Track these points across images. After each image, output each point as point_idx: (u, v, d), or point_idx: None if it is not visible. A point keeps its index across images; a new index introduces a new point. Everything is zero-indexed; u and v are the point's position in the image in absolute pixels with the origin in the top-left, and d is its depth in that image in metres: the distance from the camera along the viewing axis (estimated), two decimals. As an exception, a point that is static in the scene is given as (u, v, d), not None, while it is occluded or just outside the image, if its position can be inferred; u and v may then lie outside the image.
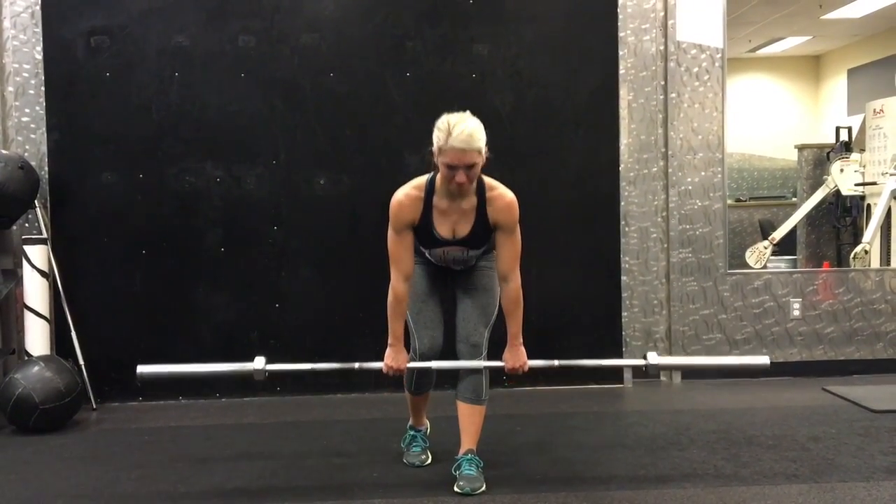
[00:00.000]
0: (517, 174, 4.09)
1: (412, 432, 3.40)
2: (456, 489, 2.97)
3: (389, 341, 3.02)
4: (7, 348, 4.48)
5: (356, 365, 3.12)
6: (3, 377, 4.16)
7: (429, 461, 3.32)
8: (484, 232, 2.98)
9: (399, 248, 2.96)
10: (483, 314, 3.09)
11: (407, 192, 2.96)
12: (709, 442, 3.57)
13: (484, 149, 2.81)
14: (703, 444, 3.53)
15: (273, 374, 3.11)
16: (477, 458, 3.06)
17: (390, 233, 2.97)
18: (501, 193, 2.95)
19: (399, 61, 4.57)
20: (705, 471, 3.18)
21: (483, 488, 2.98)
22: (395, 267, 2.97)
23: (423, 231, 2.99)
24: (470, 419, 3.08)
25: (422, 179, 2.98)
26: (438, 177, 2.91)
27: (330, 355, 4.55)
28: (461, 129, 2.75)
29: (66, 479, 3.26)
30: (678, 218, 4.77)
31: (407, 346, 3.10)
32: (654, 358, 3.10)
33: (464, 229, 2.97)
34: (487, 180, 2.96)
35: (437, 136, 2.80)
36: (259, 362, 3.05)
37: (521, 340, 3.04)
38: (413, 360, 3.10)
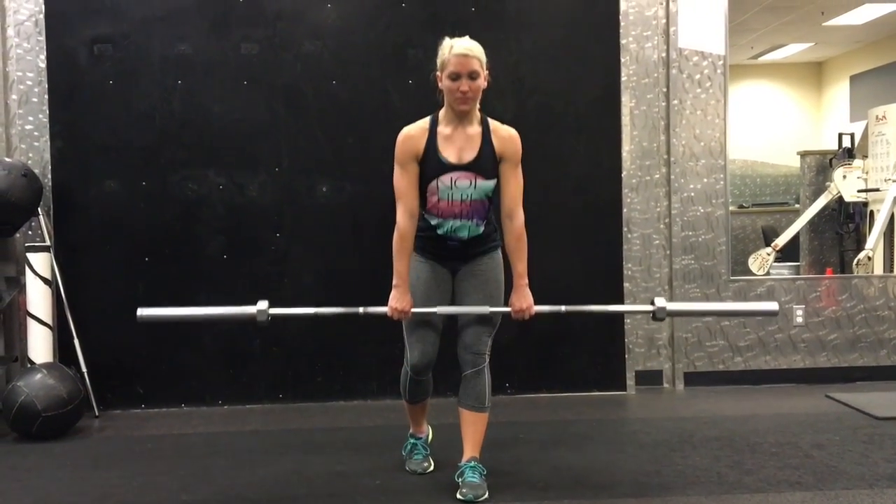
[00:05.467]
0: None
1: (412, 440, 3.40)
2: (459, 496, 2.97)
3: (394, 282, 3.00)
4: (10, 356, 4.48)
5: (360, 309, 3.10)
6: (5, 385, 4.16)
7: (431, 468, 3.32)
8: (490, 158, 3.01)
9: (404, 182, 3.00)
10: (487, 323, 3.07)
11: (412, 126, 3.05)
12: (712, 449, 3.56)
13: (485, 65, 2.94)
14: (706, 452, 3.52)
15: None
16: (480, 465, 3.05)
17: (396, 168, 3.02)
18: (505, 126, 3.06)
19: (401, 69, 4.58)
20: (709, 478, 3.17)
21: (486, 496, 2.97)
22: (401, 202, 3.00)
23: (428, 159, 2.99)
24: (473, 426, 3.07)
25: (425, 118, 3.06)
26: (441, 111, 3.01)
27: (332, 362, 4.59)
28: (462, 40, 2.95)
29: (69, 487, 3.26)
30: (681, 224, 4.77)
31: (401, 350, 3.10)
32: (661, 302, 3.10)
33: (470, 154, 3.00)
34: (490, 119, 3.05)
35: (441, 52, 2.97)
36: (262, 304, 3.08)
37: (527, 281, 3.04)
38: (406, 372, 3.11)
